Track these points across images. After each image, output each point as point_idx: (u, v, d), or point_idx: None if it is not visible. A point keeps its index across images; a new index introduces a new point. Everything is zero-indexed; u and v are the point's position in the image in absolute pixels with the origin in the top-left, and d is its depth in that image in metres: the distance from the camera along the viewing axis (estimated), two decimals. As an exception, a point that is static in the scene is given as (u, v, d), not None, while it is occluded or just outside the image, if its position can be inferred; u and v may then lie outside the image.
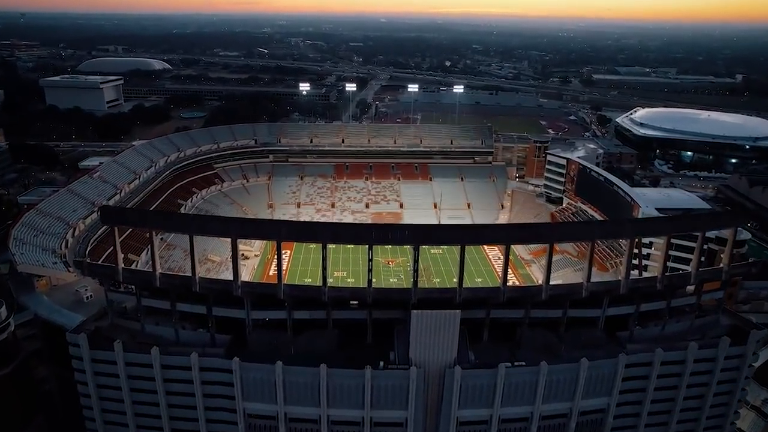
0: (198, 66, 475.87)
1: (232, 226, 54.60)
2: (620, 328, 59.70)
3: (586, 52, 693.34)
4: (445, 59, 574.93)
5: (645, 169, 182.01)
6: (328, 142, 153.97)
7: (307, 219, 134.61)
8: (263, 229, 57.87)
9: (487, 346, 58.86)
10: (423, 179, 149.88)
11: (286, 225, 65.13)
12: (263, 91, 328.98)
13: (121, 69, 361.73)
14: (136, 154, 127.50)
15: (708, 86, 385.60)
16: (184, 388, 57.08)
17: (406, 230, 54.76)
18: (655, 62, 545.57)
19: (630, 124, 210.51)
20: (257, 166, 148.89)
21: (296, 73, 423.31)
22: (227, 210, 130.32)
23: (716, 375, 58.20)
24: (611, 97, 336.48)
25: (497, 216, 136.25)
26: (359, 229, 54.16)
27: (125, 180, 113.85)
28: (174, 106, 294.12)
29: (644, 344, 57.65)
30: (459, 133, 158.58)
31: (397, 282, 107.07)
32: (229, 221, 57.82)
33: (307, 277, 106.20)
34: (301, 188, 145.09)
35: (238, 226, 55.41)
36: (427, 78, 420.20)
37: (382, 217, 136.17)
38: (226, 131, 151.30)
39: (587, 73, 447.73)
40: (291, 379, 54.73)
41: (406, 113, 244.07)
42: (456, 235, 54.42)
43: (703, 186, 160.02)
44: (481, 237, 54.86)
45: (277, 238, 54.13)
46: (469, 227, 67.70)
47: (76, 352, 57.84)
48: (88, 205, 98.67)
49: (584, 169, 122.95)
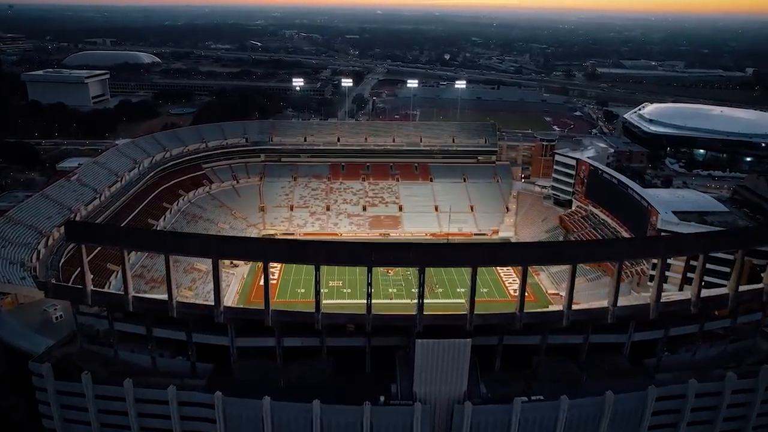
0: (188, 59, 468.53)
1: (213, 245, 49.43)
2: (647, 354, 54.72)
3: (588, 44, 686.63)
4: (443, 52, 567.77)
5: (656, 168, 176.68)
6: (322, 141, 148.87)
7: (301, 223, 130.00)
8: (248, 248, 52.48)
9: (500, 376, 53.84)
10: (423, 180, 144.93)
11: (274, 244, 59.85)
12: (255, 85, 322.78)
13: (109, 62, 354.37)
14: (119, 155, 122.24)
15: (717, 80, 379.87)
16: (161, 424, 52.04)
17: (411, 251, 49.48)
18: (659, 55, 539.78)
19: (638, 120, 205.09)
20: (248, 166, 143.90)
21: (290, 67, 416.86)
22: (215, 213, 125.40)
23: (756, 407, 53.22)
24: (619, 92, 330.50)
25: (502, 219, 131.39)
26: (357, 249, 48.77)
27: (106, 183, 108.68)
28: (162, 101, 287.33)
29: (675, 373, 52.70)
30: (461, 131, 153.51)
31: (397, 293, 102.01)
32: (210, 240, 52.83)
33: (300, 287, 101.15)
34: (295, 190, 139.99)
35: (220, 245, 50.23)
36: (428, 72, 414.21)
37: (380, 221, 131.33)
38: (215, 129, 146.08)
39: (591, 67, 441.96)
40: (280, 415, 49.68)
41: (404, 109, 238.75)
42: (467, 256, 49.19)
43: (718, 186, 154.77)
44: (496, 258, 49.73)
45: (263, 258, 48.98)
46: (481, 247, 62.45)
47: (40, 383, 52.83)
48: (64, 212, 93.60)
49: (595, 170, 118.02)
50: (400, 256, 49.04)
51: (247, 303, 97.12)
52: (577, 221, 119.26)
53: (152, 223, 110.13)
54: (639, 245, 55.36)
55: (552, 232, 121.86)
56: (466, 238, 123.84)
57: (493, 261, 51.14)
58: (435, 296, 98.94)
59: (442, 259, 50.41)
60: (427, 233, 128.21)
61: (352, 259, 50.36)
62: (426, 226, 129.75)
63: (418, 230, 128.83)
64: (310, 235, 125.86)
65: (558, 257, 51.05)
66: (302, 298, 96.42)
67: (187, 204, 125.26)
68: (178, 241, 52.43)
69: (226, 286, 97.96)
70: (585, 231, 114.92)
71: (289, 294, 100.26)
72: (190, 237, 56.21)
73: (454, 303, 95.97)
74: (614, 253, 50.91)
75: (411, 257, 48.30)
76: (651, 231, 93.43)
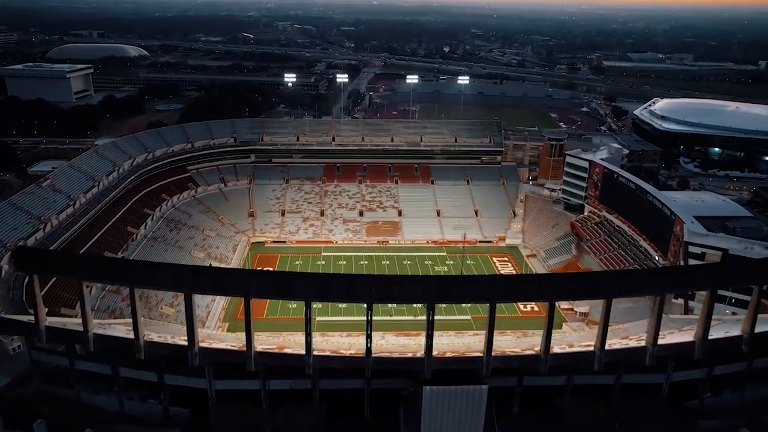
0: (177, 52, 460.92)
1: (186, 277, 43.23)
2: (687, 396, 48.83)
3: (592, 36, 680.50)
4: (442, 45, 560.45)
5: (669, 168, 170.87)
6: (316, 140, 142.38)
7: (293, 229, 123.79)
8: (227, 282, 46.16)
9: (519, 420, 48.15)
10: (424, 182, 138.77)
11: (257, 277, 53.27)
12: (247, 80, 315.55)
13: (93, 56, 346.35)
14: (96, 157, 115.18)
15: (729, 74, 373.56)
16: (128, 481, 46.08)
17: (418, 285, 43.36)
18: (666, 47, 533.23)
19: (650, 117, 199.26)
20: (237, 167, 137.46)
21: (283, 60, 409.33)
22: (201, 220, 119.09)
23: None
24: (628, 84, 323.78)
25: (509, 225, 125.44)
26: (354, 283, 42.72)
27: (82, 188, 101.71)
28: (149, 97, 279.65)
29: (721, 419, 46.82)
30: (464, 130, 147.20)
31: (397, 308, 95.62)
32: (183, 271, 46.58)
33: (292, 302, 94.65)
34: (287, 193, 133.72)
35: (193, 277, 43.96)
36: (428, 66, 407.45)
37: (378, 227, 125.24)
38: (201, 128, 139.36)
39: (597, 60, 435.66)
40: (265, 474, 43.78)
41: (403, 105, 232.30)
42: (484, 291, 43.05)
43: (737, 188, 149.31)
44: (517, 293, 43.62)
45: (244, 294, 42.74)
46: (499, 280, 56.05)
47: (-12, 432, 46.69)
48: (33, 221, 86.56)
49: (611, 173, 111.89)
50: (406, 291, 42.84)
51: (235, 319, 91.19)
52: (591, 228, 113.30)
53: (132, 232, 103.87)
54: (684, 276, 49.18)
55: (563, 240, 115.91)
56: (471, 246, 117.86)
57: (515, 296, 44.95)
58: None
59: (454, 293, 44.22)
60: (429, 241, 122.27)
61: (349, 294, 44.10)
62: (427, 233, 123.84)
63: (419, 237, 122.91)
64: (303, 243, 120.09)
65: (590, 291, 44.94)
66: (294, 315, 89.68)
67: (170, 209, 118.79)
68: (145, 273, 46.21)
69: (211, 301, 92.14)
70: (599, 239, 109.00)
71: (280, 310, 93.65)
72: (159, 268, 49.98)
73: (459, 320, 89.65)
74: (655, 286, 44.85)
75: (418, 292, 42.21)
76: (675, 242, 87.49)
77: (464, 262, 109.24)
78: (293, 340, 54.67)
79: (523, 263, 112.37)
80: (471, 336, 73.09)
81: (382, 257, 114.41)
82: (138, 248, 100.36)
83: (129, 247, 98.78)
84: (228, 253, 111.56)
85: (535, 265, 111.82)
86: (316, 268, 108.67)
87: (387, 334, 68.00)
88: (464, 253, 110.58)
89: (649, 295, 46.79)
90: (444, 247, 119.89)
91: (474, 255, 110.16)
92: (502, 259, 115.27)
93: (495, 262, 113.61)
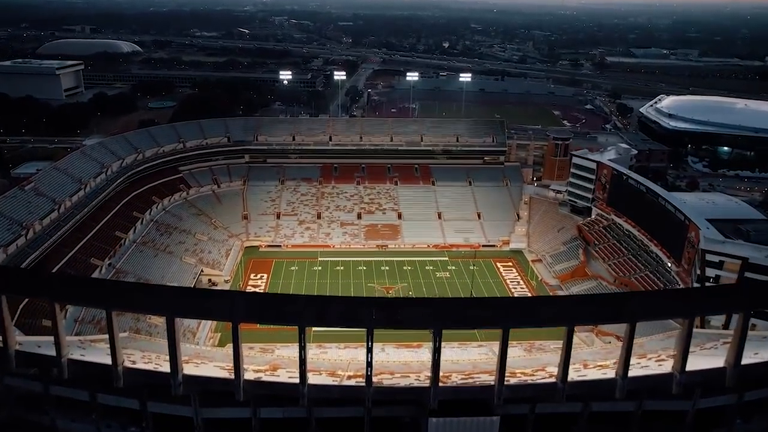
0: (171, 48, 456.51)
1: (168, 299, 39.80)
2: (715, 423, 45.55)
3: (593, 31, 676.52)
4: (442, 40, 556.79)
5: (677, 168, 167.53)
6: (313, 140, 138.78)
7: (288, 233, 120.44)
8: (212, 305, 42.70)
9: (532, 451, 44.67)
10: (424, 183, 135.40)
11: (246, 300, 49.81)
12: (242, 76, 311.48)
13: (85, 52, 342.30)
14: (83, 159, 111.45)
15: (735, 69, 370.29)
16: None
17: (422, 308, 39.92)
18: (670, 43, 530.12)
19: (656, 114, 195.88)
20: (230, 168, 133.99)
21: (279, 56, 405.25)
22: (193, 223, 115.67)
23: None
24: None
25: (513, 228, 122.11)
26: (353, 306, 39.26)
27: (67, 192, 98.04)
28: (141, 94, 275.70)
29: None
30: (466, 129, 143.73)
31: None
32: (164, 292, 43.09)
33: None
34: (282, 194, 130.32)
35: (176, 300, 40.49)
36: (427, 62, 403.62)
37: (377, 231, 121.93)
38: (193, 127, 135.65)
39: (600, 56, 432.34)
40: None
41: (402, 102, 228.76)
42: (496, 315, 39.58)
43: (747, 188, 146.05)
44: (532, 317, 40.12)
45: (231, 318, 39.34)
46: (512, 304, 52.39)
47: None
48: (14, 228, 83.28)
49: (619, 175, 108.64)
50: (410, 316, 39.37)
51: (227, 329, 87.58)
52: (598, 232, 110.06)
53: (120, 237, 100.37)
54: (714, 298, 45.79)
55: (570, 244, 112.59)
56: (474, 250, 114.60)
57: (531, 321, 41.42)
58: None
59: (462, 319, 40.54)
60: (430, 245, 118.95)
61: (346, 318, 40.53)
62: (428, 237, 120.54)
63: (420, 241, 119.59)
64: (299, 248, 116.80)
65: (613, 314, 41.39)
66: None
67: (161, 212, 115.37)
68: (125, 294, 42.75)
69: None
70: (608, 244, 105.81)
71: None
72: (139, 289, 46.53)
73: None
74: (685, 309, 41.48)
75: (424, 317, 38.74)
76: (689, 249, 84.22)
77: (467, 268, 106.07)
78: (287, 357, 51.39)
79: (528, 269, 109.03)
80: (475, 348, 69.84)
81: (381, 262, 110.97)
82: (126, 254, 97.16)
83: (116, 253, 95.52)
84: (221, 259, 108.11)
85: (540, 270, 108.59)
86: (312, 274, 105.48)
87: (387, 345, 64.74)
88: (475, 258, 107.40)
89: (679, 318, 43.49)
90: (446, 252, 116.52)
91: (477, 260, 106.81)
92: (506, 264, 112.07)
93: (499, 267, 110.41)
